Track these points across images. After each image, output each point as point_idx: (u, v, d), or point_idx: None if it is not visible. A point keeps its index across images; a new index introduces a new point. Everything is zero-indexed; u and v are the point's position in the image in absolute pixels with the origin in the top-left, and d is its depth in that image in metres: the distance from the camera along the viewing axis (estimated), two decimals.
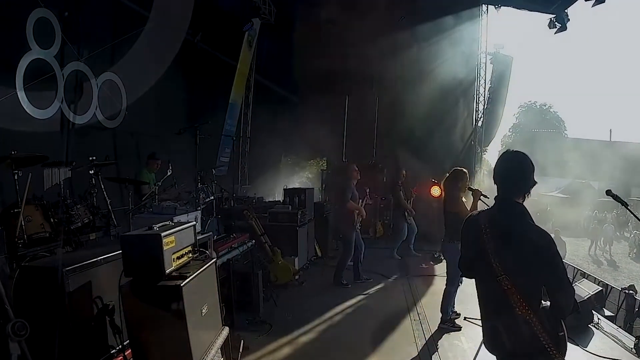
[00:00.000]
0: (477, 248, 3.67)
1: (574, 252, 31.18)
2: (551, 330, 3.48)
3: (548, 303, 3.55)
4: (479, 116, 19.46)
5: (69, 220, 7.20)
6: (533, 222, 3.59)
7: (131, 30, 11.81)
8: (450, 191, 8.02)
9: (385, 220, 17.69)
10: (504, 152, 3.83)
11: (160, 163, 11.00)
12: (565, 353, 3.52)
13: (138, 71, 12.21)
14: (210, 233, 6.74)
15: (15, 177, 6.34)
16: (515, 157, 3.74)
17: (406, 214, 14.00)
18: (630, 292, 15.52)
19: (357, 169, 10.98)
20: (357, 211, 10.76)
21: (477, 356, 6.93)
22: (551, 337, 3.46)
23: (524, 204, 3.70)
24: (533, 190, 3.68)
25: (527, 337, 3.47)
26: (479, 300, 3.91)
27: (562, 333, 3.55)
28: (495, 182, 3.78)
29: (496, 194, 3.78)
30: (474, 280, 3.93)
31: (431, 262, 13.56)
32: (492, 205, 3.82)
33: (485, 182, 19.48)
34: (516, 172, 3.70)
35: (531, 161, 3.69)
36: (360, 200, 11.08)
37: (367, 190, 12.07)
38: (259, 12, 17.18)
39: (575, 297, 7.75)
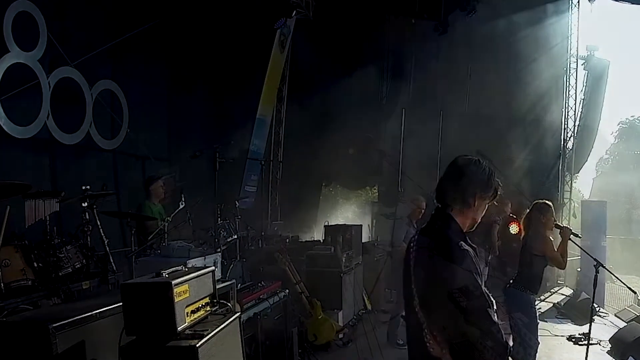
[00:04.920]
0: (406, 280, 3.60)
1: None
2: None
3: None
4: (569, 135, 19.29)
5: (56, 265, 7.11)
6: (454, 238, 3.46)
7: (134, 28, 11.85)
8: (534, 229, 7.87)
9: None
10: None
11: (164, 185, 10.65)
12: None
13: (143, 79, 12.28)
14: (234, 281, 6.67)
15: None
16: (457, 161, 3.71)
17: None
18: None
19: (423, 205, 10.93)
20: None
21: None
22: None
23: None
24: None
25: None
26: None
27: None
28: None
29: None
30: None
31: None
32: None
33: (577, 217, 19.21)
34: (453, 177, 3.67)
35: (482, 169, 3.64)
36: None
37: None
38: (293, 6, 17.05)
39: None
